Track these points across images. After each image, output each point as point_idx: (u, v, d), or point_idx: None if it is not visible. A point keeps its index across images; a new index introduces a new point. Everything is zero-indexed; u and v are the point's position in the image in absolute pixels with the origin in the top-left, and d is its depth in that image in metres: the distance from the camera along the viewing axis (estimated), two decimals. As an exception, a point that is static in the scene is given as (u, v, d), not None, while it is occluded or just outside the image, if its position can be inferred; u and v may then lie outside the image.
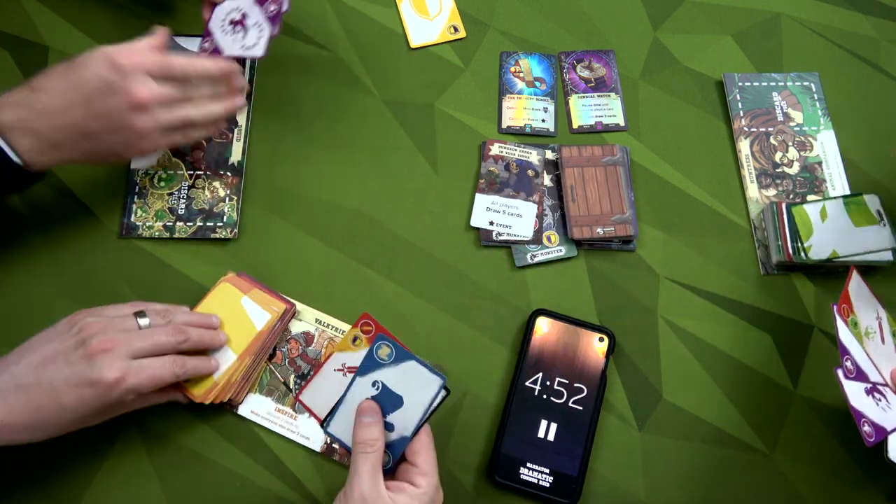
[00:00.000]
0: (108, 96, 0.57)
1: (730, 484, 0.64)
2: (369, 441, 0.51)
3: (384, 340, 0.52)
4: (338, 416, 0.54)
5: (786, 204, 0.70)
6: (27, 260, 0.68)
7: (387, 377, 0.53)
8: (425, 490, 0.50)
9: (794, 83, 0.79)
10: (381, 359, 0.53)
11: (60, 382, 0.52)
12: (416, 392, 0.52)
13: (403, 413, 0.52)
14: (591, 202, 0.71)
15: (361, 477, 0.49)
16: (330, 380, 0.55)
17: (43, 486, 0.61)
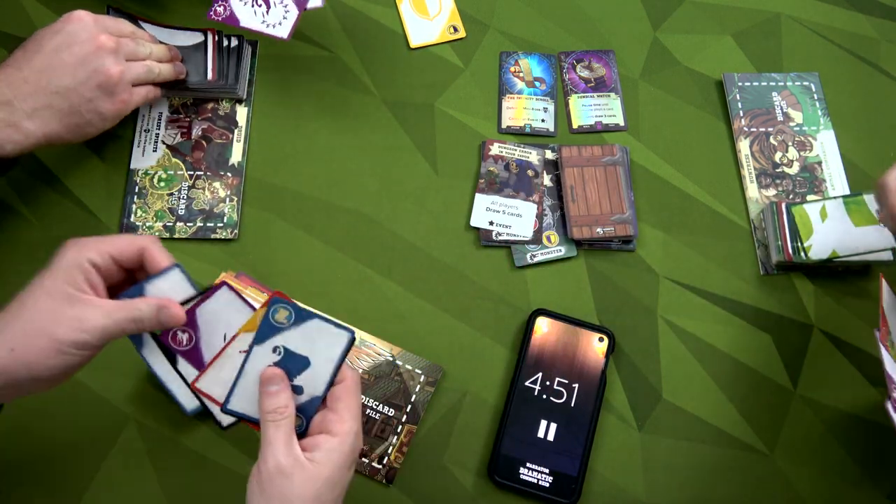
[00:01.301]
0: (74, 46, 0.60)
1: (730, 484, 0.64)
2: (278, 409, 0.48)
3: (281, 303, 0.49)
4: (238, 391, 0.50)
5: (786, 204, 0.70)
6: (27, 260, 0.68)
7: (288, 340, 0.50)
8: (342, 439, 0.48)
9: (794, 83, 0.79)
10: (279, 323, 0.49)
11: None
12: (324, 349, 0.50)
13: (312, 372, 0.50)
14: (590, 202, 0.71)
15: (275, 446, 0.47)
16: (234, 363, 0.50)
17: (43, 485, 0.61)
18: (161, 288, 0.50)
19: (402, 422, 0.64)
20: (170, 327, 0.51)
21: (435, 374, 0.66)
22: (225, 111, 0.75)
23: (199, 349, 0.51)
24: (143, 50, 0.66)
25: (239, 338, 0.50)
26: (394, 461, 0.63)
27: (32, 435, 0.62)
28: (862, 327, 0.69)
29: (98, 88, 0.62)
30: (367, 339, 0.66)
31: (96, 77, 0.61)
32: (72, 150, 0.72)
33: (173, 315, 0.50)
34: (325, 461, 0.47)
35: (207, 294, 0.50)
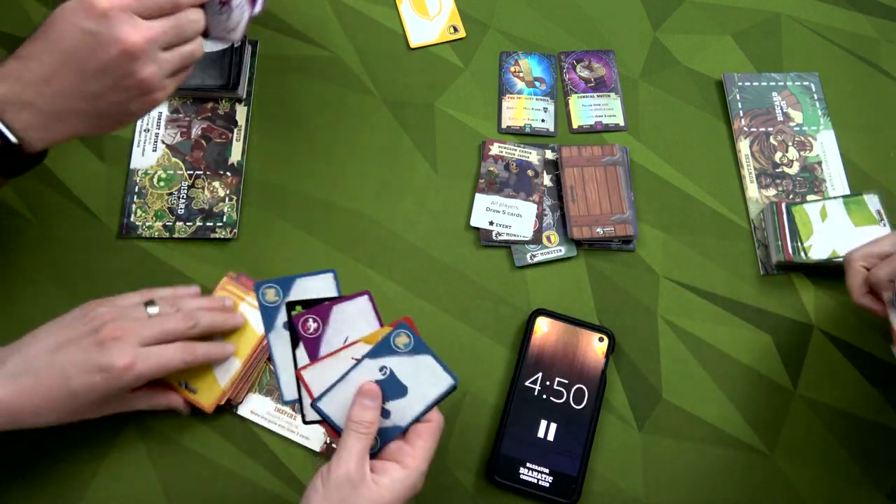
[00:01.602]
0: (97, 50, 0.51)
1: (730, 484, 0.64)
2: (365, 423, 0.50)
3: (405, 329, 0.51)
4: (333, 393, 0.52)
5: (785, 204, 0.70)
6: (27, 260, 0.68)
7: (397, 365, 0.52)
8: (409, 473, 0.49)
9: (793, 83, 0.79)
10: (397, 347, 0.52)
11: (72, 368, 0.53)
12: (424, 386, 0.52)
13: (404, 403, 0.52)
14: (590, 202, 0.71)
15: (351, 456, 0.49)
16: (341, 364, 0.52)
17: (43, 485, 0.61)
18: (308, 287, 0.53)
19: (402, 422, 0.64)
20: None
21: (435, 374, 0.66)
22: (224, 111, 0.75)
23: (320, 342, 0.52)
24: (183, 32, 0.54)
25: (356, 346, 0.52)
26: (394, 461, 0.63)
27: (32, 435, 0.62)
28: (862, 327, 0.69)
29: (128, 90, 0.53)
30: (368, 339, 0.67)
31: (125, 82, 0.53)
32: (72, 149, 0.72)
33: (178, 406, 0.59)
34: (388, 488, 0.49)
35: (349, 296, 0.52)
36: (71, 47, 0.51)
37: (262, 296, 0.52)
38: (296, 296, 0.53)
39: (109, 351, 0.53)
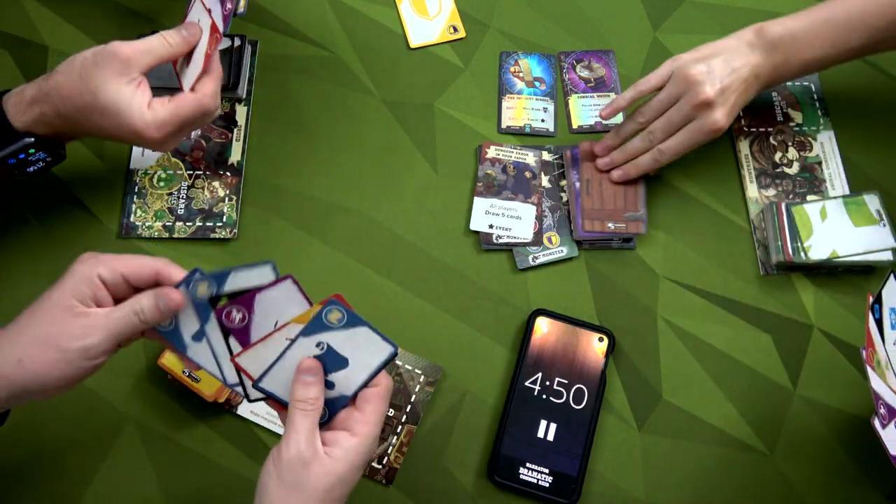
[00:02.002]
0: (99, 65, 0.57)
1: (730, 484, 0.64)
2: (309, 399, 0.49)
3: (336, 305, 0.50)
4: (272, 372, 0.51)
5: (785, 204, 0.70)
6: (27, 260, 0.68)
7: (333, 339, 0.51)
8: (361, 440, 0.49)
9: (794, 83, 0.79)
10: (330, 322, 0.51)
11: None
12: (364, 356, 0.51)
13: (347, 373, 0.51)
14: (605, 197, 0.71)
15: (300, 434, 0.48)
16: (276, 347, 0.51)
17: (42, 485, 0.61)
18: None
19: (402, 422, 0.64)
20: (171, 313, 0.51)
21: (435, 374, 0.66)
22: (224, 110, 0.75)
23: (249, 331, 0.52)
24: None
25: (288, 326, 0.51)
26: (394, 461, 0.63)
27: (32, 435, 0.62)
28: (862, 327, 0.69)
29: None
30: (367, 339, 0.66)
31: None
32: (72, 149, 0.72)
33: (171, 300, 0.50)
34: (342, 458, 0.48)
35: (271, 283, 0.51)
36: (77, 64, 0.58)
37: (193, 290, 0.50)
38: (230, 289, 0.51)
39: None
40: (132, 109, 0.57)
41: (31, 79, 0.59)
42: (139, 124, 0.57)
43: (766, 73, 0.68)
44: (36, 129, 0.59)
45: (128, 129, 0.58)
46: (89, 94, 0.57)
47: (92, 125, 0.59)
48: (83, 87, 0.57)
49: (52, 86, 0.58)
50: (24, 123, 0.58)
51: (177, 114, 0.58)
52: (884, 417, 0.55)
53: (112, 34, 0.77)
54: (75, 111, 0.58)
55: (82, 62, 0.57)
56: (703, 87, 0.66)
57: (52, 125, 0.59)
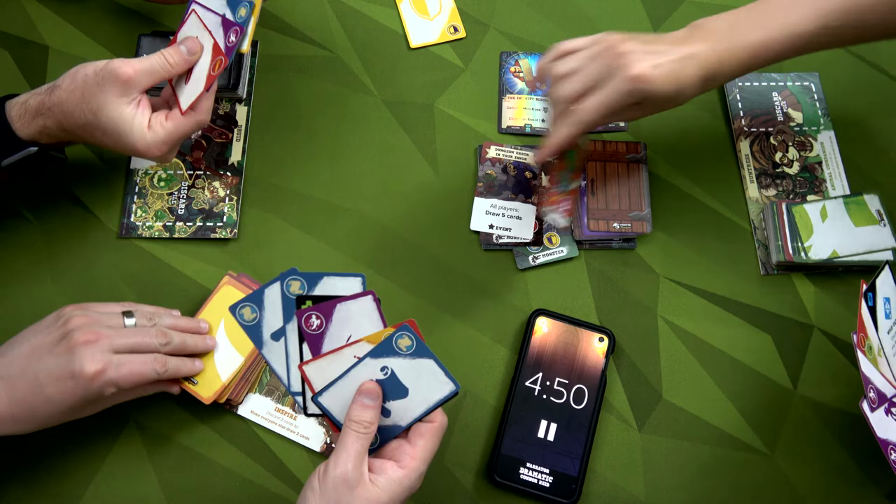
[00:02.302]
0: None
1: (730, 484, 0.64)
2: (364, 422, 0.50)
3: (408, 332, 0.51)
4: (333, 389, 0.52)
5: (786, 204, 0.70)
6: (27, 260, 0.68)
7: (398, 366, 0.52)
8: (407, 473, 0.49)
9: (794, 83, 0.79)
10: (398, 349, 0.51)
11: (44, 374, 0.53)
12: (425, 389, 0.51)
13: (405, 403, 0.52)
14: (609, 197, 0.71)
15: (349, 455, 0.48)
16: (342, 361, 0.52)
17: (42, 485, 0.61)
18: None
19: (402, 422, 0.64)
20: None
21: (435, 374, 0.66)
22: (225, 110, 0.75)
23: (323, 339, 0.53)
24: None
25: (359, 344, 0.52)
26: (394, 461, 0.63)
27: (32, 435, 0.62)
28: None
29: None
30: (368, 339, 0.66)
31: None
32: (72, 150, 0.72)
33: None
34: (385, 487, 0.48)
35: (354, 295, 0.52)
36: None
37: (286, 286, 0.52)
38: (320, 292, 0.53)
39: (80, 356, 0.53)
40: (133, 130, 0.58)
41: (31, 79, 0.60)
42: (140, 145, 0.59)
43: (706, 59, 0.60)
44: (40, 139, 0.60)
45: (130, 148, 0.59)
46: (91, 113, 0.58)
47: (95, 140, 0.60)
48: (85, 107, 0.58)
49: (55, 101, 0.58)
50: (29, 134, 0.60)
51: (175, 132, 0.60)
52: (872, 401, 0.56)
53: (112, 34, 0.77)
54: (78, 127, 0.59)
55: (84, 80, 0.58)
56: (625, 43, 0.59)
57: (55, 136, 0.60)
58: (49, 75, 0.75)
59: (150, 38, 0.75)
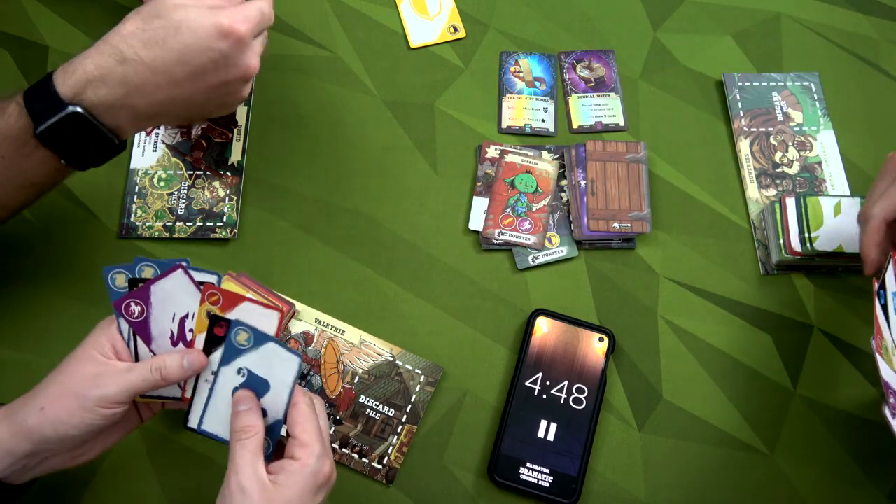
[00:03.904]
0: (222, 70, 0.54)
1: (730, 484, 0.64)
2: (245, 428, 0.49)
3: (240, 326, 0.50)
4: (210, 412, 0.52)
5: (798, 195, 0.70)
6: (27, 260, 0.68)
7: (250, 362, 0.51)
8: (304, 462, 0.48)
9: (794, 83, 0.79)
10: (241, 345, 0.51)
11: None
12: (280, 373, 0.51)
13: (272, 395, 0.51)
14: (609, 197, 0.71)
15: (238, 466, 0.47)
16: (203, 387, 0.52)
17: (42, 485, 0.61)
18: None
19: (402, 422, 0.64)
20: (194, 372, 0.52)
21: (435, 374, 0.66)
22: (225, 111, 0.75)
23: (148, 324, 0.52)
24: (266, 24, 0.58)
25: (206, 368, 0.52)
26: (394, 461, 0.63)
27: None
28: (862, 327, 0.69)
29: (231, 98, 0.58)
30: (367, 339, 0.66)
31: (234, 95, 0.57)
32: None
33: (196, 360, 0.51)
34: (287, 483, 0.47)
35: (166, 272, 0.51)
36: (196, 63, 0.53)
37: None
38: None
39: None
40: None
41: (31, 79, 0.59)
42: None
43: None
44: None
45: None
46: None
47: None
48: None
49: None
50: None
51: None
52: (893, 407, 0.54)
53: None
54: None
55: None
56: None
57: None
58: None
59: None
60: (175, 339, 0.52)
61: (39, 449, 0.49)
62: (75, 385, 0.49)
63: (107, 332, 0.51)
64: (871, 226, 0.58)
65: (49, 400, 0.49)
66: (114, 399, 0.49)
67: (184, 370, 0.51)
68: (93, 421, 0.49)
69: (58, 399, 0.49)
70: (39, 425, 0.48)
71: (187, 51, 0.52)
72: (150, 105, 0.54)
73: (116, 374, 0.50)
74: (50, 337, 0.66)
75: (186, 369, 0.51)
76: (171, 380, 0.51)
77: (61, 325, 0.66)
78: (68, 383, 0.49)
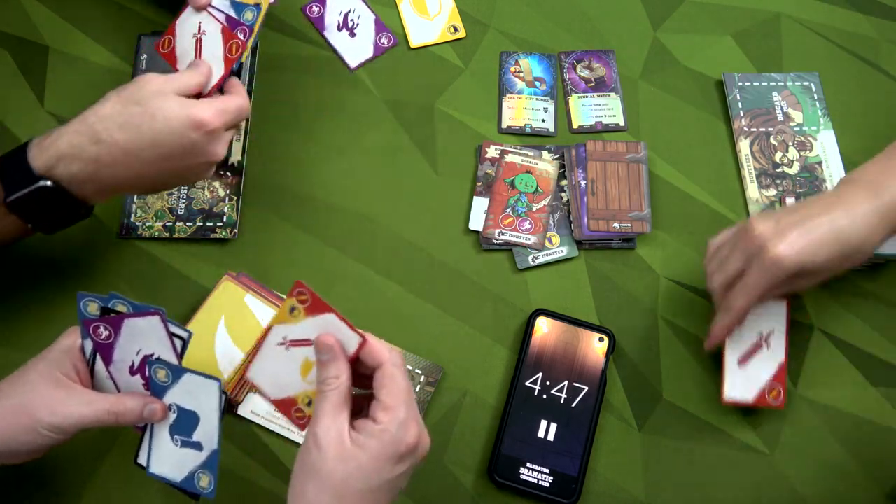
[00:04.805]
0: (190, 156, 0.57)
1: (730, 484, 0.64)
2: (326, 380, 0.47)
3: (156, 364, 0.51)
4: (154, 454, 0.53)
5: (798, 194, 0.69)
6: (27, 260, 0.68)
7: (176, 398, 0.51)
8: (385, 427, 0.45)
9: (794, 83, 0.79)
10: (162, 382, 0.51)
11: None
12: (204, 401, 0.51)
13: (203, 427, 0.51)
14: (610, 197, 0.71)
15: (318, 417, 0.46)
16: (273, 354, 0.51)
17: (42, 486, 0.61)
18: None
19: (402, 422, 0.64)
20: (149, 422, 0.53)
21: (435, 374, 0.66)
22: (225, 111, 0.75)
23: (113, 348, 0.52)
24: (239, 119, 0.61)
25: (273, 330, 0.51)
26: (394, 461, 0.63)
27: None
28: (862, 327, 0.69)
29: (196, 177, 0.61)
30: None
31: (200, 175, 0.61)
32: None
33: (155, 411, 0.52)
34: (364, 446, 0.45)
35: (142, 312, 0.51)
36: (166, 149, 0.56)
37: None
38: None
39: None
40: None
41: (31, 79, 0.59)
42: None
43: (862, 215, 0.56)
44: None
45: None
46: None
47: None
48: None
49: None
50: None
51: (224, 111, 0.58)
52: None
53: (112, 34, 0.77)
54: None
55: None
56: (759, 225, 0.57)
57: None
58: (49, 75, 0.75)
59: (151, 38, 0.75)
60: (134, 371, 0.53)
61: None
62: (32, 406, 0.49)
63: (71, 353, 0.52)
64: (734, 314, 0.60)
65: (1, 415, 0.49)
66: (66, 430, 0.50)
67: (141, 419, 0.52)
68: (41, 443, 0.50)
69: (10, 416, 0.49)
70: None
71: (159, 136, 0.55)
72: (116, 180, 0.56)
73: (73, 406, 0.50)
74: (50, 337, 0.65)
75: (145, 418, 0.52)
76: (125, 424, 0.51)
77: (61, 325, 0.66)
78: (25, 403, 0.50)
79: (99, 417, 0.50)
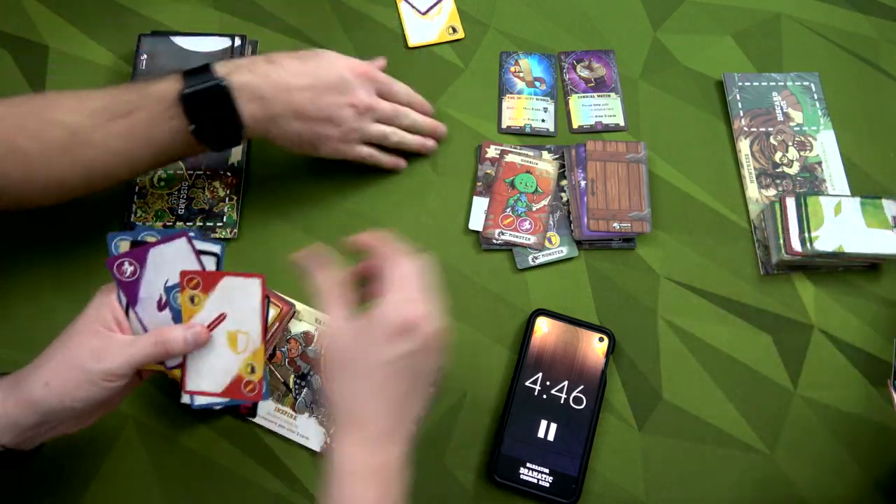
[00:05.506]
0: (335, 91, 0.65)
1: (730, 484, 0.64)
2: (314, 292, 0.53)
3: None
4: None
5: (798, 195, 0.70)
6: (27, 260, 0.68)
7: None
8: (378, 303, 0.50)
9: (794, 83, 0.79)
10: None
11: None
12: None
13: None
14: (610, 197, 0.71)
15: (331, 313, 0.52)
16: (200, 354, 0.53)
17: (43, 486, 0.61)
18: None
19: (402, 422, 0.64)
20: (197, 346, 0.53)
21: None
22: (225, 111, 0.75)
23: (138, 285, 0.53)
24: (402, 121, 0.71)
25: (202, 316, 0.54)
26: (394, 461, 0.63)
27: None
28: (862, 327, 0.69)
29: (327, 121, 0.65)
30: (367, 339, 0.66)
31: (337, 121, 0.66)
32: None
33: (200, 334, 0.53)
34: (356, 319, 0.50)
35: (167, 238, 0.52)
36: (320, 79, 0.64)
37: (114, 247, 0.53)
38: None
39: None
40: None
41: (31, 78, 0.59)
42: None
43: None
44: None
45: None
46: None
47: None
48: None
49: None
50: None
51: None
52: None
53: (112, 34, 0.77)
54: None
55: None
56: None
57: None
58: (49, 75, 0.75)
59: (151, 38, 0.75)
60: (162, 306, 0.53)
61: (45, 420, 0.50)
62: (79, 359, 0.50)
63: (108, 303, 0.53)
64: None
65: (53, 374, 0.50)
66: (117, 373, 0.50)
67: (186, 344, 0.52)
68: (97, 394, 0.50)
69: (62, 373, 0.50)
70: (45, 398, 0.49)
71: (318, 69, 0.64)
72: (275, 100, 0.62)
73: (119, 348, 0.51)
74: (50, 337, 0.65)
75: (190, 344, 0.52)
76: (173, 354, 0.52)
77: (61, 325, 0.66)
78: (72, 357, 0.50)
79: (147, 353, 0.51)
